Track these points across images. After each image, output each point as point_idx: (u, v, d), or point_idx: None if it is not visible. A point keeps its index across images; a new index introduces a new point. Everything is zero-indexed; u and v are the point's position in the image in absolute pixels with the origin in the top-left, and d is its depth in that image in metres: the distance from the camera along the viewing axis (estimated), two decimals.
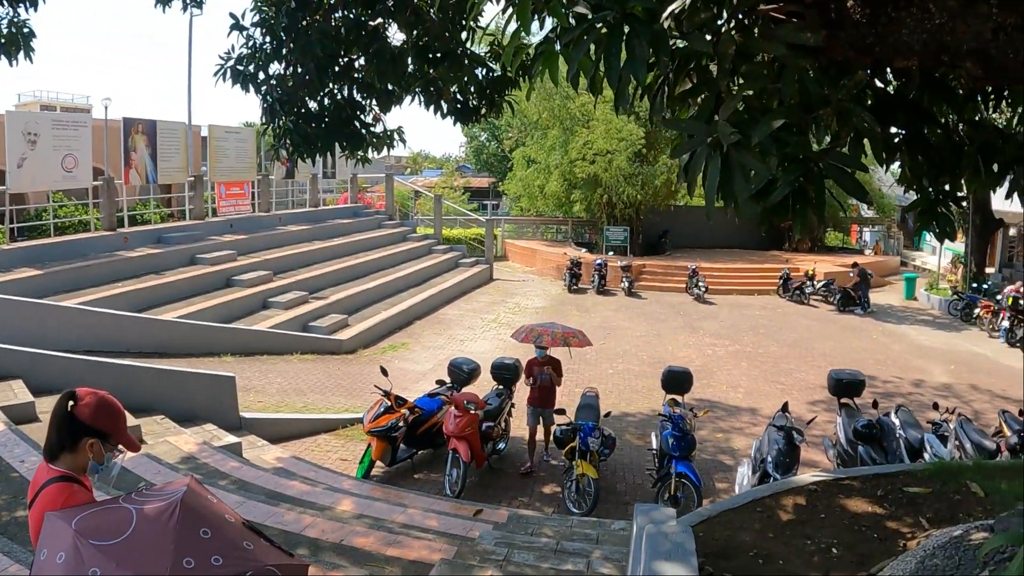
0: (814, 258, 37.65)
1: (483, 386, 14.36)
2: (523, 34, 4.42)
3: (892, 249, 44.42)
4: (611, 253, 37.46)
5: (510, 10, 4.52)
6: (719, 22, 4.16)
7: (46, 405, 11.81)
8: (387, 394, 12.57)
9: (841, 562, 6.16)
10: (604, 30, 3.78)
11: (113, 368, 13.13)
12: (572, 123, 36.96)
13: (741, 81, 4.31)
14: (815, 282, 31.73)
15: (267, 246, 25.92)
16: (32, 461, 8.88)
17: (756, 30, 4.30)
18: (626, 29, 3.75)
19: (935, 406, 12.97)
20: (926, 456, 11.26)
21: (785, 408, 12.47)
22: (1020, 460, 10.59)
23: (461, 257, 34.25)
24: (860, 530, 6.74)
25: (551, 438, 12.97)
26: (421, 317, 25.22)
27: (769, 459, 10.93)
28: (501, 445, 13.38)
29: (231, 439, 12.34)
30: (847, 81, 4.28)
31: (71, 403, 3.54)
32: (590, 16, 3.89)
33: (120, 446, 3.64)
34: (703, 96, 4.40)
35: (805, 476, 8.51)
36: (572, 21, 4.13)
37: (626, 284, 32.32)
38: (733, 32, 4.11)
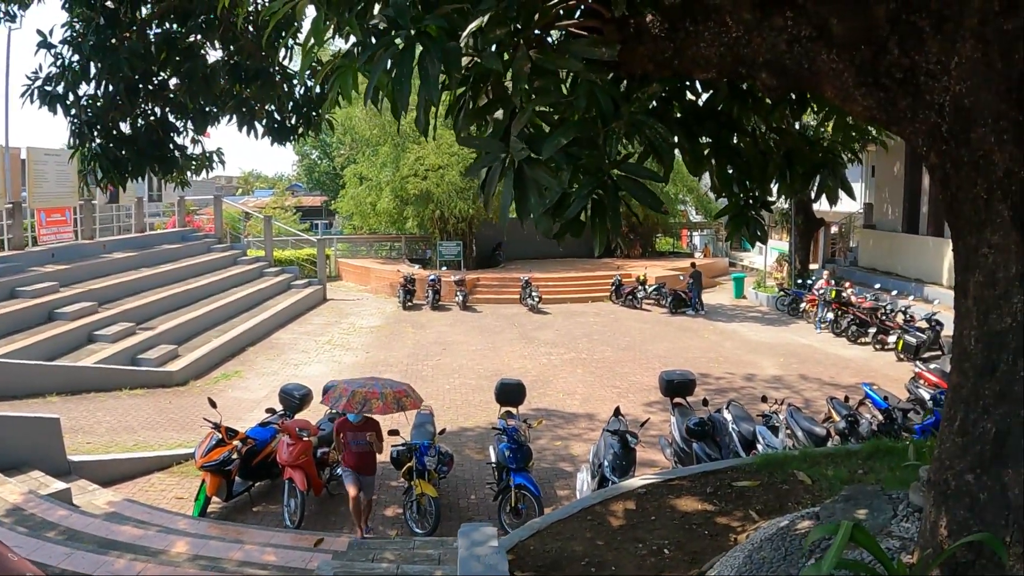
0: (645, 263, 38.65)
1: (317, 411, 14.12)
2: (319, 48, 4.38)
3: (721, 251, 45.90)
4: (445, 268, 37.47)
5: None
6: (516, 39, 4.17)
7: None
8: (217, 426, 12.20)
9: (673, 562, 6.25)
10: (402, 47, 3.75)
11: None
12: (403, 139, 36.79)
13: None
14: (647, 287, 32.55)
15: (91, 275, 24.89)
16: None
17: (555, 46, 4.33)
18: (420, 48, 3.74)
19: (764, 399, 13.39)
20: (759, 448, 11.60)
21: (617, 412, 12.69)
22: (844, 446, 10.98)
23: (293, 279, 33.74)
24: (691, 528, 6.87)
25: (370, 511, 11.49)
26: (254, 343, 24.67)
27: (606, 463, 11.10)
28: (338, 470, 13.11)
29: (59, 485, 11.74)
30: (641, 94, 4.35)
31: None
32: (391, 32, 3.86)
33: None
34: (500, 113, 4.41)
35: (635, 480, 8.64)
36: (372, 38, 4.10)
37: (461, 298, 32.38)
38: (528, 49, 4.12)
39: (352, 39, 4.36)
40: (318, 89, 11.44)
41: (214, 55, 11.02)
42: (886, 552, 4.49)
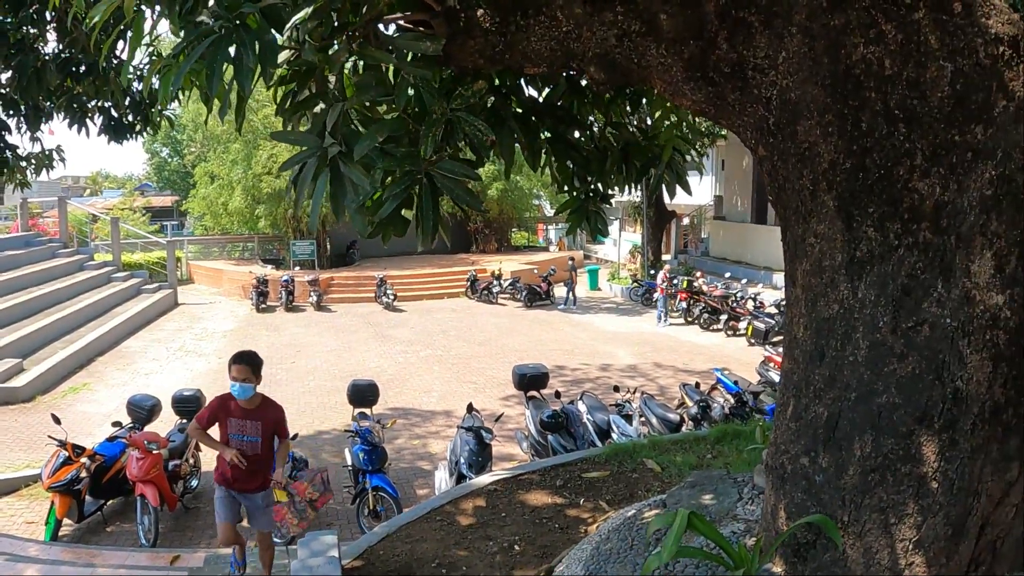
0: (500, 258, 38.93)
1: (167, 422, 13.75)
2: (138, 44, 4.28)
3: (576, 245, 46.39)
4: (299, 268, 37.03)
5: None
6: (340, 32, 4.14)
7: None
8: (63, 444, 11.64)
9: (524, 557, 6.29)
10: (218, 37, 3.68)
11: None
12: (255, 136, 36.24)
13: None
14: (502, 281, 32.75)
15: None
16: None
17: (379, 39, 4.31)
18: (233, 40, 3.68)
19: (616, 388, 13.61)
20: (614, 437, 11.78)
21: (470, 408, 12.75)
22: (695, 431, 11.25)
23: (143, 283, 32.63)
24: (542, 523, 6.92)
25: (272, 553, 8.26)
26: (103, 352, 23.80)
27: (462, 460, 11.14)
28: (193, 483, 12.76)
29: None
30: (464, 90, 4.35)
31: None
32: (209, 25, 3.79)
33: None
34: (319, 107, 4.38)
35: (484, 477, 8.69)
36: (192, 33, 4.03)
37: (315, 299, 32.09)
38: (350, 42, 4.10)
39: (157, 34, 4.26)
40: (155, 85, 11.18)
41: (49, 49, 10.66)
42: (730, 536, 4.60)
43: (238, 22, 3.65)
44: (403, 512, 8.72)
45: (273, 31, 3.76)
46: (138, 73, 11.18)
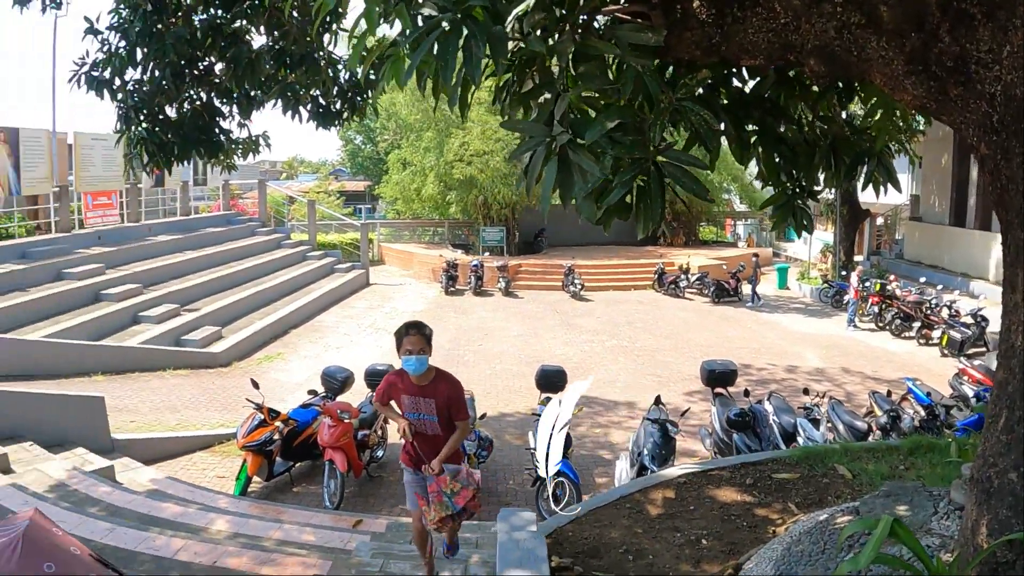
0: (688, 252, 38.38)
1: (358, 394, 14.18)
2: (370, 37, 4.36)
3: (765, 241, 45.50)
4: (488, 254, 37.40)
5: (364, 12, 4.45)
6: (563, 23, 4.15)
7: None
8: (259, 407, 12.31)
9: (711, 552, 6.23)
10: (447, 30, 3.74)
11: None
12: (447, 125, 36.81)
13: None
14: (690, 275, 32.31)
15: (137, 258, 25.22)
16: None
17: (600, 31, 4.30)
18: (465, 31, 3.72)
19: (805, 391, 13.28)
20: (800, 440, 11.50)
21: (658, 401, 12.63)
22: (885, 441, 10.89)
23: (336, 263, 33.81)
24: (730, 519, 6.83)
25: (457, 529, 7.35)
26: (296, 326, 24.84)
27: (645, 452, 11.03)
28: (379, 452, 13.22)
29: (103, 463, 11.92)
30: (689, 80, 4.31)
31: None
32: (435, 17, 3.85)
33: None
34: (544, 97, 4.39)
35: (674, 469, 8.60)
36: (420, 23, 4.09)
37: (503, 284, 32.40)
38: (573, 33, 4.10)
39: (398, 27, 4.35)
40: (367, 75, 11.47)
41: (258, 41, 11.09)
42: (925, 549, 4.46)
43: (464, 14, 3.71)
44: (593, 497, 8.73)
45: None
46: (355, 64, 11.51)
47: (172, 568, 7.43)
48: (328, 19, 10.51)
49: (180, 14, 10.45)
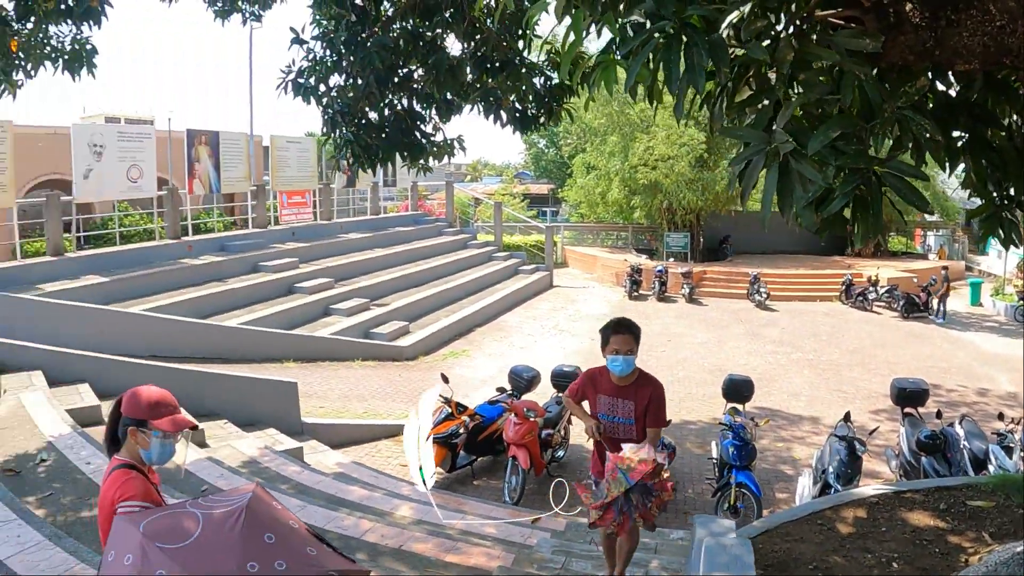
0: (877, 263, 37.15)
1: (543, 394, 14.31)
2: (578, 45, 4.42)
3: (957, 254, 43.60)
4: (672, 259, 37.19)
5: (567, 21, 4.52)
6: (777, 29, 4.13)
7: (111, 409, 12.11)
8: (448, 401, 12.64)
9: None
10: (662, 40, 3.78)
11: (177, 373, 13.34)
12: (632, 129, 36.68)
13: (799, 89, 4.28)
14: (878, 288, 31.26)
15: (329, 254, 26.23)
16: (97, 463, 9.08)
17: (814, 37, 4.26)
18: (684, 39, 3.75)
19: (1000, 416, 12.71)
20: (991, 468, 10.98)
21: (847, 417, 12.26)
22: None
23: (521, 264, 34.19)
24: (922, 544, 6.64)
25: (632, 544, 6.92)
26: (481, 324, 25.26)
27: (830, 470, 10.72)
28: (560, 453, 13.33)
29: (292, 444, 12.50)
30: (909, 87, 4.22)
31: (118, 404, 3.92)
32: (647, 26, 3.89)
33: (161, 432, 3.83)
34: (761, 105, 4.37)
35: (866, 488, 8.38)
36: (630, 31, 4.14)
37: (687, 291, 32.09)
38: (791, 39, 4.08)
39: (590, 34, 4.40)
40: (575, 82, 11.60)
41: (453, 47, 11.35)
42: None
43: (682, 23, 3.74)
44: (782, 511, 8.62)
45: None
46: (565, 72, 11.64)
47: (360, 548, 7.69)
48: (524, 26, 10.73)
49: (382, 23, 10.81)
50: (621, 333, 6.44)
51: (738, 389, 13.14)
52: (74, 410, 11.33)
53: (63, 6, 10.62)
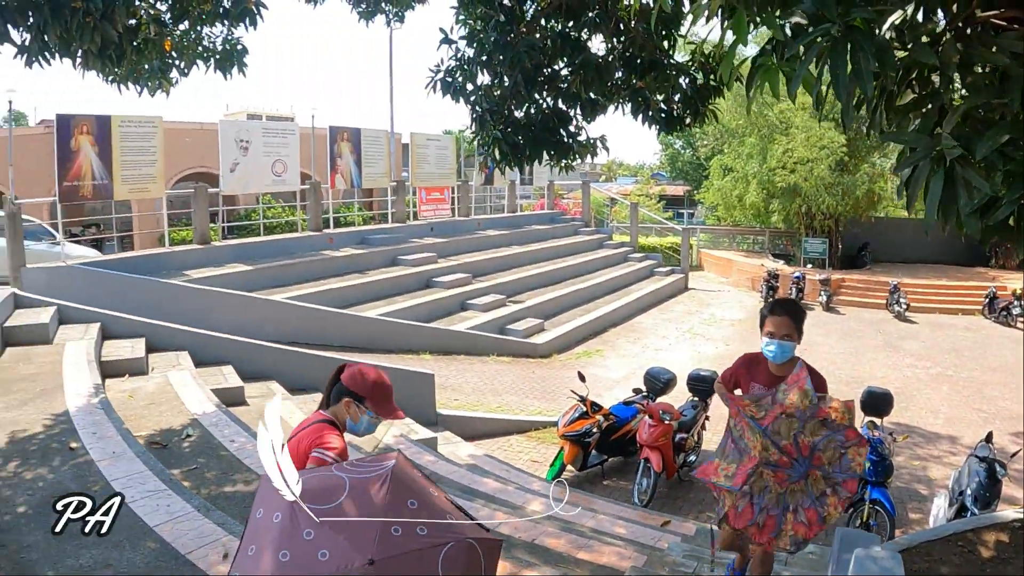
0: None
1: (678, 397, 14.24)
2: (743, 45, 4.41)
3: None
4: (809, 266, 36.44)
5: (715, 21, 4.54)
6: (940, 31, 4.08)
7: (253, 391, 12.73)
8: (583, 399, 12.71)
9: None
10: (826, 43, 3.78)
11: (317, 360, 13.81)
12: (770, 130, 36.07)
13: (964, 93, 4.23)
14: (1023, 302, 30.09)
15: (466, 249, 26.57)
16: (241, 442, 9.41)
17: (976, 39, 4.19)
18: (848, 42, 3.74)
19: None
20: None
21: (989, 438, 11.83)
22: None
23: (656, 266, 33.90)
24: None
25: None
26: (615, 325, 25.21)
27: (968, 492, 10.31)
28: (692, 457, 13.20)
29: (427, 434, 12.72)
30: None
31: (341, 370, 4.19)
32: (809, 28, 3.90)
33: (375, 412, 4.15)
34: (925, 109, 4.32)
35: (1008, 512, 8.18)
36: (787, 32, 4.15)
37: (824, 298, 31.39)
38: (955, 42, 4.02)
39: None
40: (700, 80, 11.57)
41: (596, 46, 11.41)
42: None
43: (846, 25, 3.73)
44: (907, 533, 8.48)
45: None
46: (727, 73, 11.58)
47: None
48: (670, 26, 10.75)
49: (527, 24, 10.94)
50: (778, 315, 5.66)
51: (877, 402, 12.80)
52: (218, 390, 11.77)
53: (219, 8, 11.00)
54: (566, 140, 11.39)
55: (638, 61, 10.84)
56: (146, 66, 11.29)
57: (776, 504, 5.39)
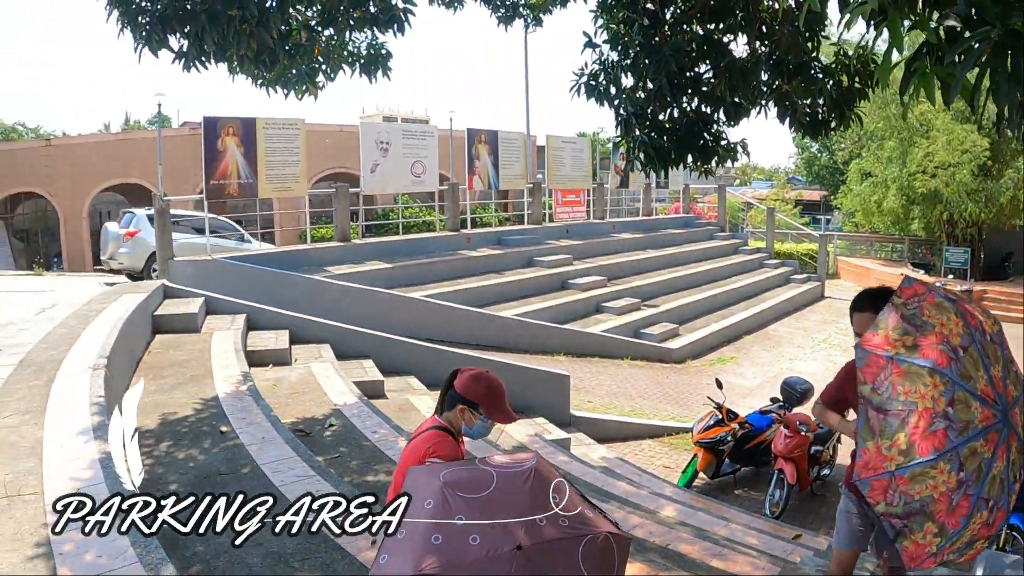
0: None
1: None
2: (900, 50, 4.30)
3: None
4: (950, 276, 35.26)
5: (859, 24, 4.48)
6: None
7: (392, 385, 13.16)
8: (719, 407, 12.64)
9: None
10: (986, 48, 3.72)
11: (455, 357, 14.07)
12: (910, 133, 34.89)
13: None
14: None
15: (601, 252, 26.61)
16: (383, 433, 9.70)
17: None
18: (1009, 47, 3.67)
19: None
20: None
21: None
22: None
23: (792, 273, 33.24)
24: None
25: None
26: (750, 332, 24.88)
27: None
28: (826, 471, 12.92)
29: (560, 434, 12.87)
30: None
31: (454, 376, 4.24)
32: (964, 32, 3.84)
33: (488, 418, 4.20)
34: None
35: None
36: (941, 34, 4.10)
37: None
38: None
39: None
40: (845, 83, 11.38)
41: (737, 49, 11.33)
42: None
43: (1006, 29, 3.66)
44: None
45: None
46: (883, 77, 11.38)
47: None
48: (815, 28, 10.64)
49: (671, 27, 10.93)
50: (863, 311, 5.01)
51: None
52: (359, 382, 12.18)
53: (369, 15, 11.26)
54: (711, 144, 11.34)
55: (785, 64, 10.74)
56: (293, 71, 11.62)
57: (1001, 490, 4.08)
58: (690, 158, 11.32)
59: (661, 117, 11.25)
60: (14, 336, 11.07)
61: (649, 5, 10.88)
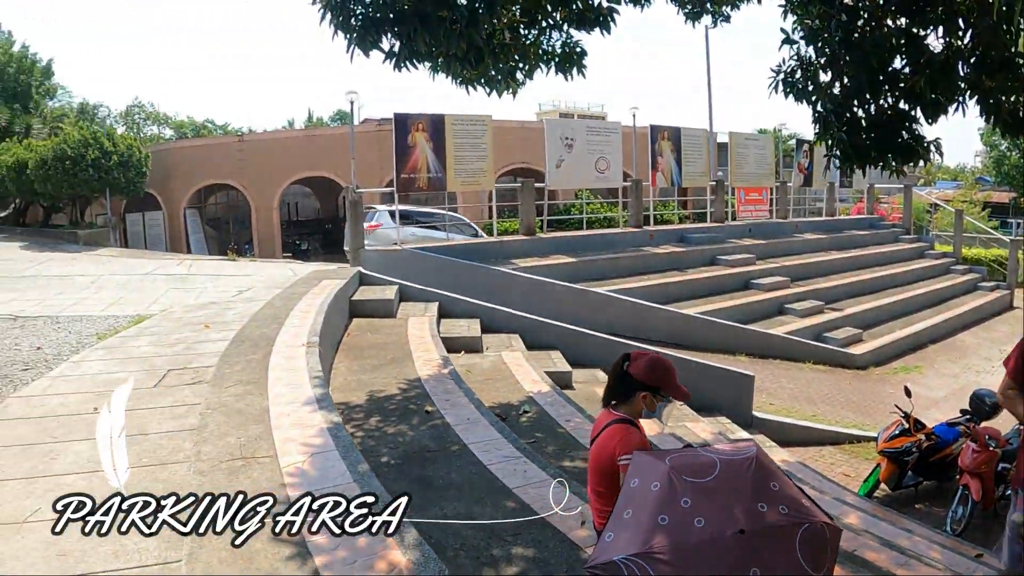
0: None
1: (1006, 422, 13.61)
2: None
3: None
4: None
5: None
6: None
7: (580, 376, 13.39)
8: (907, 416, 12.26)
9: None
10: None
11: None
12: None
13: None
14: None
15: (784, 252, 26.39)
16: (576, 422, 9.88)
17: None
18: None
19: None
20: None
21: None
22: None
23: (980, 280, 31.79)
24: None
25: None
26: (935, 341, 23.96)
27: None
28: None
29: (743, 435, 12.85)
30: None
31: (626, 363, 4.32)
32: None
33: (670, 397, 4.39)
34: None
35: None
36: None
37: None
38: None
39: None
40: None
41: (936, 43, 11.07)
42: None
43: None
44: None
45: None
46: None
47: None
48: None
49: (869, 22, 10.76)
50: None
51: None
52: (551, 372, 12.50)
53: (575, 14, 11.46)
54: (910, 143, 11.12)
55: (989, 59, 10.45)
56: (493, 71, 11.91)
57: None
58: (890, 157, 11.14)
59: (859, 114, 11.11)
60: (220, 315, 12.01)
61: (847, 0, 10.76)
